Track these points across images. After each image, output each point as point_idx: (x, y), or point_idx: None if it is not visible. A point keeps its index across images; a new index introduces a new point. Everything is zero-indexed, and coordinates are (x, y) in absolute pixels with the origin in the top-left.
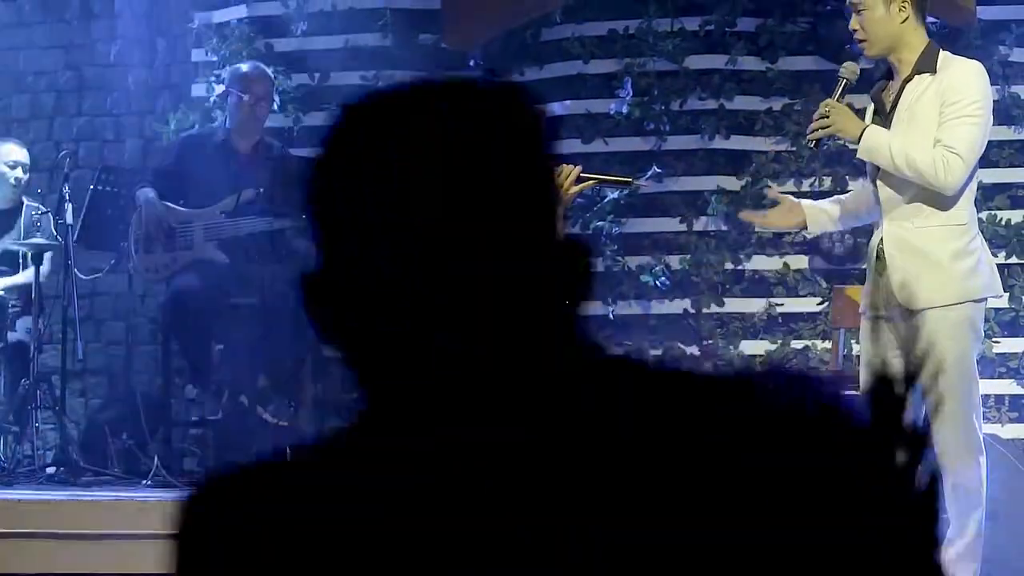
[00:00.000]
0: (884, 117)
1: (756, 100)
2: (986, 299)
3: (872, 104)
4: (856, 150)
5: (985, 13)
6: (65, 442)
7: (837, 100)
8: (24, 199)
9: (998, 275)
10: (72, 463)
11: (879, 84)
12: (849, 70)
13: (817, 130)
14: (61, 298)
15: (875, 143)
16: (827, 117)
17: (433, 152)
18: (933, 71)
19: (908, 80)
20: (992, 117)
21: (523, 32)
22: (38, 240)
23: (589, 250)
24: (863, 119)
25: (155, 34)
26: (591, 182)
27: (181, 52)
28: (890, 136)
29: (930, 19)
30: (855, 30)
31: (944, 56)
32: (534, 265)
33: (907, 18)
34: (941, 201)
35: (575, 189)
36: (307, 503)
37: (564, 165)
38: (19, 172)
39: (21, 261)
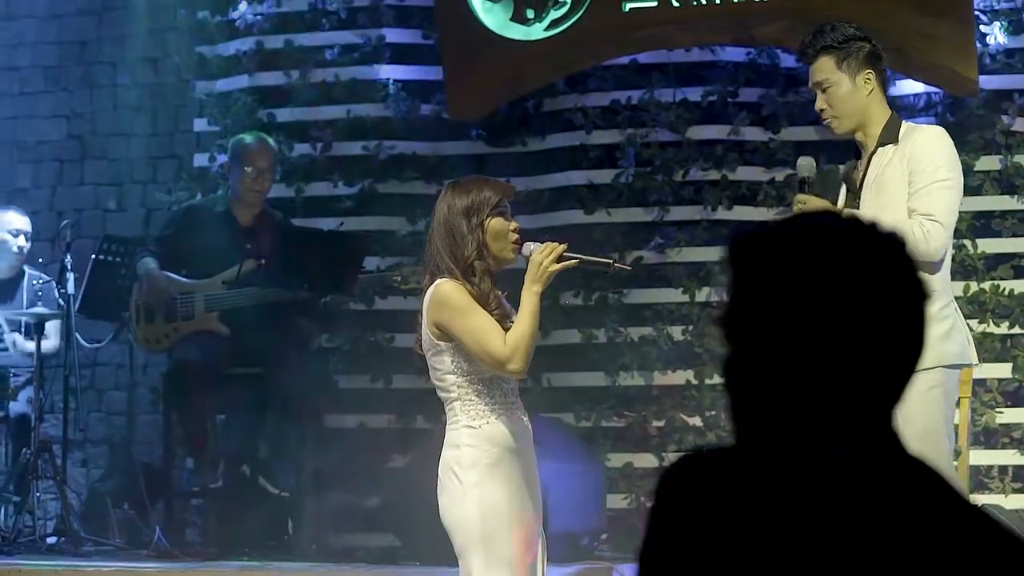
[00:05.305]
0: (856, 195)
1: (759, 171)
2: (960, 367)
3: (844, 184)
4: None
5: (987, 83)
6: (66, 512)
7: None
8: (25, 268)
9: (973, 345)
10: (73, 533)
11: (849, 164)
12: (805, 168)
13: None
14: (63, 368)
15: None
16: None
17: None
18: (896, 141)
19: (873, 154)
20: (963, 178)
21: (525, 103)
22: (41, 310)
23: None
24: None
25: (157, 103)
26: (573, 262)
27: (183, 122)
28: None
29: (933, 90)
30: (822, 109)
31: (906, 125)
32: None
33: (872, 90)
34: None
35: (556, 268)
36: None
37: (548, 243)
38: (21, 240)
39: (23, 331)
